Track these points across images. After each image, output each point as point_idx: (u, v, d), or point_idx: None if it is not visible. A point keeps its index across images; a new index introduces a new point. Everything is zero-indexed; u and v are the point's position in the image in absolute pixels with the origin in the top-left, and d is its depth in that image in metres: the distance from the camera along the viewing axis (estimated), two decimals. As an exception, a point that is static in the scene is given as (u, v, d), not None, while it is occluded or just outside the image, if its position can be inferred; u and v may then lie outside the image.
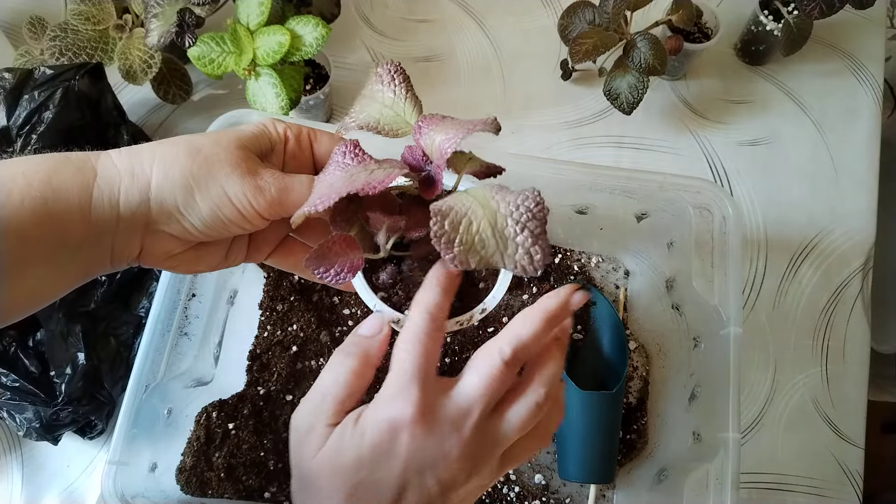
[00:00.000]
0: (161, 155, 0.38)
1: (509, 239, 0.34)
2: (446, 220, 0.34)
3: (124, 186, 0.37)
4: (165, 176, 0.37)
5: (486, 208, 0.35)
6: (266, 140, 0.41)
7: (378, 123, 0.41)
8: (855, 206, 0.82)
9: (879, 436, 1.25)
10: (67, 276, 0.37)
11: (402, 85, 0.42)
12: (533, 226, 0.34)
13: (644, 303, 0.75)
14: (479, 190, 0.36)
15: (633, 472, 0.69)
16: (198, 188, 0.37)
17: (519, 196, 0.35)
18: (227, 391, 0.71)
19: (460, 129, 0.37)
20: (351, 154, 0.40)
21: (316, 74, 0.82)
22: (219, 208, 0.38)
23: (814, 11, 0.76)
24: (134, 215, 0.37)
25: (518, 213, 0.34)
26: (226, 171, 0.38)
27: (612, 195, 0.65)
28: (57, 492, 0.70)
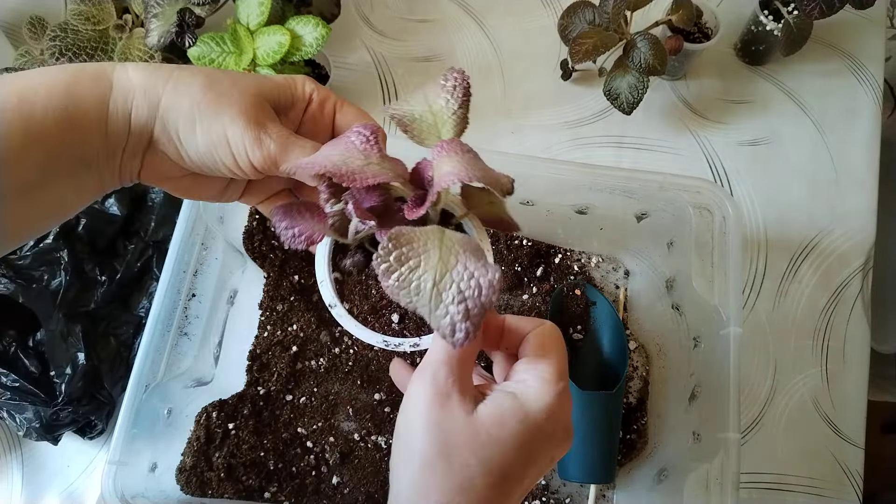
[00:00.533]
0: (177, 78, 0.38)
1: (444, 301, 0.32)
2: (396, 251, 0.33)
3: (137, 101, 0.37)
4: (175, 98, 0.37)
5: (443, 261, 0.33)
6: (288, 94, 0.41)
7: (411, 123, 0.39)
8: (855, 206, 0.82)
9: (879, 436, 1.25)
10: (85, 192, 0.38)
11: (458, 98, 0.39)
12: (472, 304, 0.32)
13: (644, 303, 0.75)
14: (453, 238, 0.35)
15: (633, 472, 0.69)
16: (200, 121, 0.37)
17: (479, 268, 0.33)
18: (227, 391, 0.71)
19: (471, 170, 0.35)
20: (364, 137, 0.38)
21: (316, 74, 0.82)
22: (215, 147, 0.38)
23: (814, 11, 0.76)
24: (142, 131, 0.37)
25: (467, 283, 0.33)
26: (232, 114, 0.37)
27: (612, 195, 0.65)
28: (57, 492, 0.70)
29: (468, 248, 0.34)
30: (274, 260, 0.75)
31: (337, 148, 0.38)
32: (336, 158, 0.37)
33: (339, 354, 0.73)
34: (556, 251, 0.78)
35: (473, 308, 0.32)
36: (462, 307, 0.32)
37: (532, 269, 0.76)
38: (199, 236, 0.67)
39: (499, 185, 0.35)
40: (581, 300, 0.74)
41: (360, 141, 0.38)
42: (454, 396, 0.35)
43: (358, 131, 0.39)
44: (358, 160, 0.37)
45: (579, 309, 0.74)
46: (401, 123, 0.39)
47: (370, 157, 0.37)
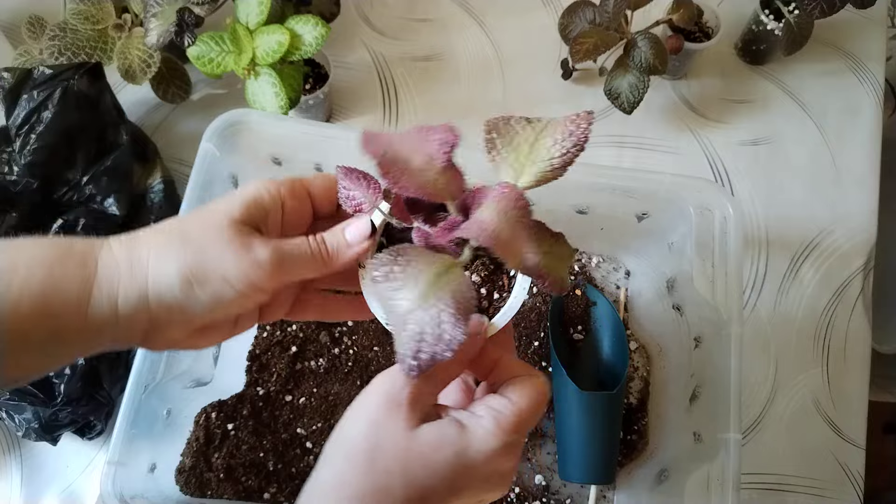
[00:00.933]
0: (155, 249, 0.37)
1: (406, 332, 0.33)
2: (389, 266, 0.33)
3: (123, 286, 0.36)
4: (161, 273, 0.36)
5: (424, 297, 0.33)
6: (260, 207, 0.40)
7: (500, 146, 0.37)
8: (856, 206, 0.81)
9: (880, 436, 1.25)
10: (61, 361, 0.37)
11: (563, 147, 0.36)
12: (426, 348, 0.32)
13: (645, 303, 0.75)
14: (452, 279, 0.34)
15: (634, 472, 0.69)
16: (196, 280, 0.36)
17: (451, 322, 0.33)
18: (226, 391, 0.71)
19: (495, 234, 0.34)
20: (442, 139, 0.36)
21: (315, 74, 0.82)
22: (220, 295, 0.37)
23: (815, 11, 0.76)
24: (134, 313, 0.36)
25: (432, 330, 0.33)
26: (219, 256, 0.37)
27: (613, 195, 0.65)
28: (56, 492, 0.70)
29: (458, 297, 0.33)
30: (273, 260, 0.75)
31: (417, 136, 0.37)
32: (405, 148, 0.36)
33: (338, 355, 0.73)
34: (556, 251, 0.77)
35: (425, 353, 0.32)
36: (416, 346, 0.32)
37: (532, 269, 0.76)
38: (199, 236, 0.67)
39: (517, 260, 0.34)
40: (581, 300, 0.74)
41: (437, 141, 0.36)
42: (403, 406, 0.35)
43: (444, 128, 0.37)
44: (420, 160, 0.35)
45: (579, 309, 0.73)
46: (490, 143, 0.37)
47: (432, 164, 0.36)
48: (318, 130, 0.65)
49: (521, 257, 0.34)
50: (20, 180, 0.68)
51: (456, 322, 0.33)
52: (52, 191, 0.70)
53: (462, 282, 0.34)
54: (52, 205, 0.70)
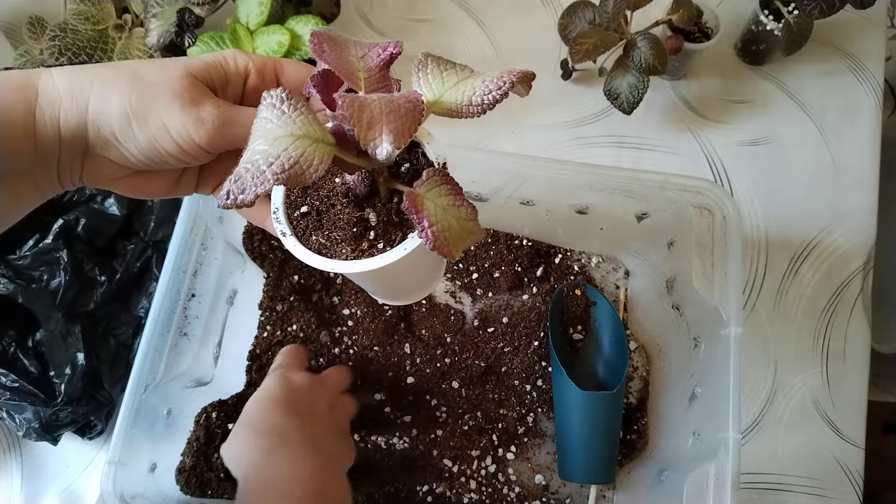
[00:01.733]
0: (101, 78, 0.36)
1: (254, 156, 0.31)
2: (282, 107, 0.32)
3: (64, 108, 0.35)
4: (103, 101, 0.35)
5: (277, 143, 0.31)
6: (220, 71, 0.39)
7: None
8: (855, 206, 0.82)
9: (880, 436, 1.25)
10: (21, 199, 0.36)
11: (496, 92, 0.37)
12: (231, 194, 0.31)
13: (644, 303, 0.75)
14: (325, 147, 0.32)
15: (634, 472, 0.69)
16: (135, 118, 0.35)
17: (285, 160, 0.31)
18: (226, 391, 0.71)
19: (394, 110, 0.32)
20: (384, 48, 0.36)
21: (316, 74, 0.82)
22: (157, 140, 0.36)
23: (814, 11, 0.76)
24: (73, 138, 0.36)
25: (271, 160, 0.31)
26: (166, 102, 0.35)
27: (612, 195, 0.65)
28: (56, 492, 0.70)
29: (298, 159, 0.31)
30: (274, 260, 0.75)
31: (367, 44, 0.37)
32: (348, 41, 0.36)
33: (338, 354, 0.73)
34: (556, 251, 0.78)
35: (238, 185, 0.31)
36: (237, 176, 0.31)
37: (532, 269, 0.76)
38: (199, 236, 0.67)
39: (367, 138, 0.32)
40: (581, 300, 0.74)
41: (379, 48, 0.37)
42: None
43: (389, 44, 0.38)
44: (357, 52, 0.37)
45: (579, 309, 0.73)
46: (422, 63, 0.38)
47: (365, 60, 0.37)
48: (318, 130, 0.65)
49: (371, 133, 0.32)
50: (21, 180, 0.68)
51: (278, 170, 0.30)
52: (53, 191, 0.70)
53: (317, 155, 0.32)
54: (52, 205, 0.70)
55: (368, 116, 0.31)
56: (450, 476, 0.69)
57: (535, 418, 0.71)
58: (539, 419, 0.71)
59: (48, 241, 0.69)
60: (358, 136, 0.31)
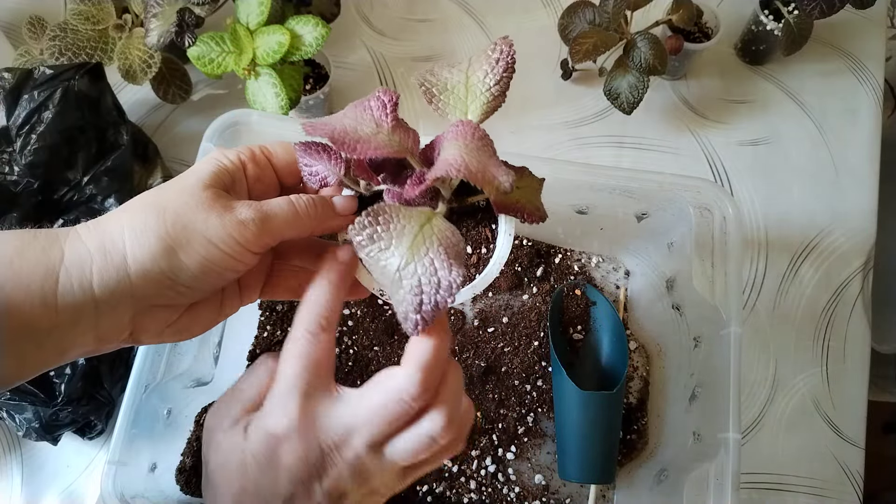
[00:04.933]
0: (129, 223, 0.35)
1: (403, 288, 0.32)
2: (370, 228, 0.33)
3: (97, 267, 0.34)
4: (140, 246, 0.34)
5: (413, 249, 0.33)
6: (225, 173, 0.39)
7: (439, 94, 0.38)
8: (855, 206, 0.82)
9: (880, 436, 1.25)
10: (34, 363, 0.34)
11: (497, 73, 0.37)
12: (426, 299, 0.32)
13: (644, 303, 0.75)
14: (436, 227, 0.34)
15: (634, 472, 0.69)
16: (179, 247, 0.35)
17: (445, 266, 0.32)
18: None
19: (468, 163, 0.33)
20: (381, 103, 0.36)
21: (316, 74, 0.82)
22: (207, 259, 0.35)
23: (814, 11, 0.76)
24: (114, 295, 0.34)
25: (428, 278, 0.32)
26: (202, 218, 0.35)
27: (612, 195, 0.65)
28: (56, 492, 0.70)
29: (445, 243, 0.33)
30: (274, 260, 0.75)
31: (354, 112, 0.37)
32: (347, 123, 0.36)
33: (338, 354, 0.73)
34: (556, 251, 0.78)
35: (428, 305, 0.32)
36: (417, 299, 0.32)
37: (532, 269, 0.76)
38: (199, 236, 0.67)
39: (492, 185, 0.34)
40: (581, 300, 0.74)
41: (377, 106, 0.37)
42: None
43: (377, 96, 0.37)
44: (368, 127, 0.36)
45: (579, 309, 0.73)
46: (427, 93, 0.37)
47: (381, 126, 0.36)
48: (319, 130, 0.65)
49: (494, 182, 0.34)
50: (21, 180, 0.68)
51: (451, 266, 0.32)
52: (53, 191, 0.70)
53: (446, 227, 0.34)
54: (52, 205, 0.70)
55: (477, 170, 0.33)
56: (450, 476, 0.69)
57: (535, 418, 0.71)
58: (539, 419, 0.71)
59: (48, 241, 0.69)
60: (484, 188, 0.34)
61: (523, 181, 0.39)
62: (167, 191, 0.37)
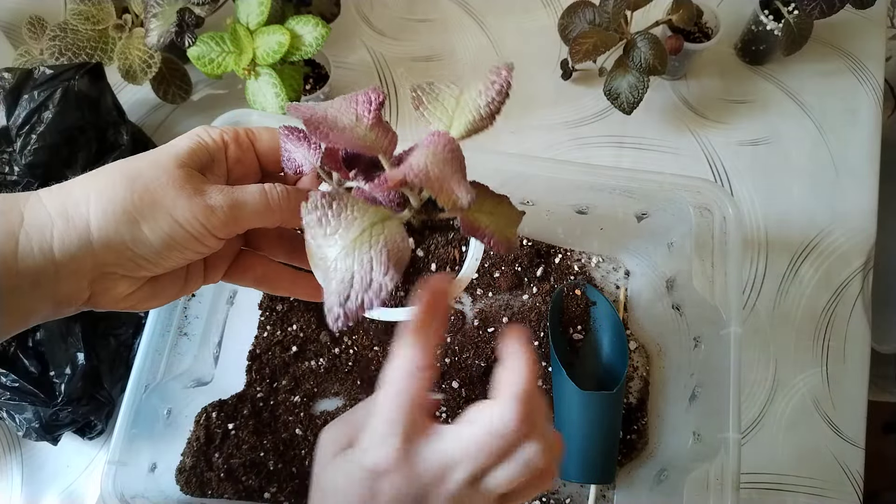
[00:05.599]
0: (96, 190, 0.34)
1: (334, 279, 0.31)
2: (320, 211, 0.32)
3: (57, 231, 0.33)
4: (105, 213, 0.34)
5: (355, 243, 0.32)
6: (204, 151, 0.38)
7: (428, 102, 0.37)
8: (855, 206, 0.82)
9: (880, 436, 1.25)
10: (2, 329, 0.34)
11: (489, 97, 0.37)
12: (353, 296, 0.31)
13: (644, 303, 0.75)
14: (386, 230, 0.33)
15: (634, 472, 0.69)
16: (143, 219, 0.34)
17: (380, 270, 0.31)
18: (226, 391, 0.71)
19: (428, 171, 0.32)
20: (368, 99, 0.36)
21: (316, 74, 0.82)
22: (170, 237, 0.35)
23: (814, 11, 0.76)
24: (74, 259, 0.34)
25: (361, 274, 0.31)
26: (171, 196, 0.35)
27: (612, 195, 0.65)
28: (57, 492, 0.70)
29: (390, 246, 0.32)
30: (274, 260, 0.75)
31: (340, 103, 0.37)
32: (330, 111, 0.36)
33: (339, 354, 0.73)
34: (556, 251, 0.78)
35: (353, 300, 0.31)
36: (345, 293, 0.31)
37: (532, 269, 0.76)
38: (199, 236, 0.67)
39: (449, 198, 0.33)
40: (581, 300, 0.74)
41: (362, 101, 0.36)
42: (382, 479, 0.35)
43: (365, 92, 0.37)
44: (348, 119, 0.35)
45: (579, 309, 0.73)
46: (416, 98, 0.37)
47: (361, 121, 0.36)
48: (319, 130, 0.65)
49: (452, 195, 0.33)
50: (21, 180, 0.68)
51: (388, 268, 0.31)
52: (53, 191, 0.70)
53: (398, 232, 0.33)
54: (52, 205, 0.70)
55: (437, 180, 0.32)
56: (450, 476, 0.69)
57: (535, 418, 0.71)
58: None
59: (48, 241, 0.69)
60: (439, 199, 0.33)
61: (500, 209, 0.38)
62: (141, 161, 0.36)
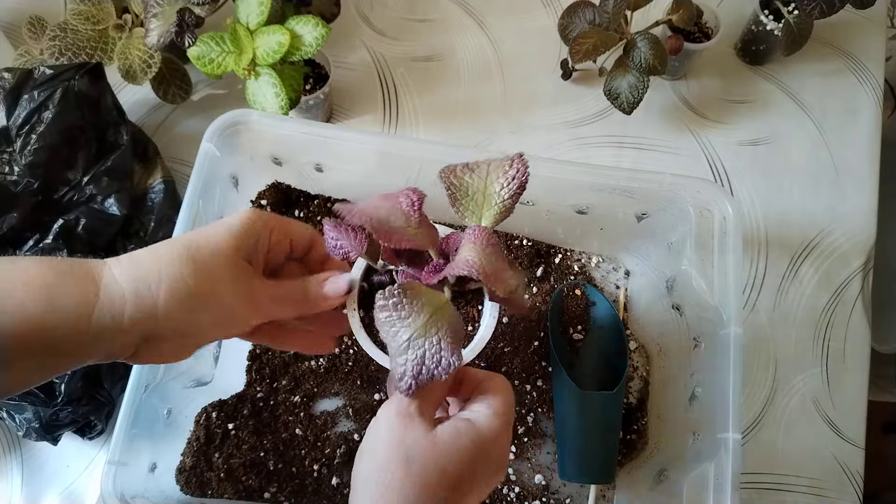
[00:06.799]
0: (168, 274, 0.39)
1: (407, 356, 0.38)
2: (396, 299, 0.39)
3: (129, 306, 0.38)
4: (171, 296, 0.39)
5: (425, 327, 0.39)
6: (254, 234, 0.44)
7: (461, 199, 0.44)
8: (855, 206, 0.82)
9: (880, 436, 1.25)
10: (58, 371, 0.39)
11: (511, 189, 0.43)
12: (425, 371, 0.38)
13: (644, 303, 0.75)
14: (447, 313, 0.40)
15: (633, 472, 0.69)
16: (201, 308, 0.40)
17: (448, 349, 0.38)
18: (226, 391, 0.71)
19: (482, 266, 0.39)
20: (410, 201, 0.43)
21: (316, 74, 0.82)
22: (220, 323, 0.41)
23: (814, 11, 0.76)
24: (135, 327, 0.38)
25: (432, 355, 0.38)
26: (227, 290, 0.41)
27: (612, 195, 0.65)
28: (57, 492, 0.70)
29: (452, 328, 0.40)
30: (274, 260, 0.75)
31: (386, 203, 0.43)
32: (382, 213, 0.42)
33: (338, 354, 0.73)
34: (556, 251, 0.78)
35: (425, 374, 0.38)
36: (417, 368, 0.38)
37: (532, 269, 0.76)
38: (199, 236, 0.67)
39: (503, 286, 0.40)
40: (581, 300, 0.74)
41: (406, 203, 0.43)
42: (416, 417, 0.40)
43: (407, 194, 0.43)
44: (399, 220, 0.42)
45: (579, 309, 0.73)
46: (452, 197, 0.44)
47: (410, 221, 0.43)
48: (319, 131, 0.65)
49: (506, 283, 0.40)
50: (21, 180, 0.68)
51: (453, 349, 0.39)
52: (53, 191, 0.70)
53: (455, 315, 0.41)
54: (52, 205, 0.70)
55: (491, 273, 0.39)
56: (450, 476, 0.69)
57: (535, 418, 0.71)
58: (539, 419, 0.71)
59: (48, 241, 0.69)
60: (497, 289, 0.40)
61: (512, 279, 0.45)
62: (203, 246, 0.41)
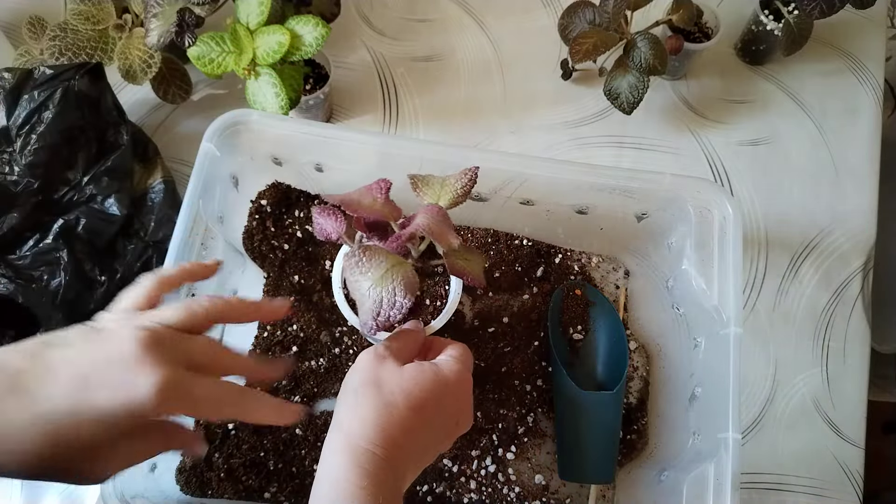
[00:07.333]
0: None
1: (368, 303, 0.48)
2: (358, 256, 0.49)
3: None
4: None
5: (383, 279, 0.48)
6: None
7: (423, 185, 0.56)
8: (855, 206, 0.82)
9: (880, 436, 1.25)
10: None
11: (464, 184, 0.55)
12: (383, 314, 0.48)
13: (644, 303, 0.75)
14: (402, 269, 0.49)
15: (634, 472, 0.69)
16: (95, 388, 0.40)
17: (401, 295, 0.48)
18: (226, 391, 0.71)
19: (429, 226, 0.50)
20: (379, 187, 0.54)
21: (316, 74, 0.82)
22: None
23: (814, 11, 0.76)
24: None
25: (388, 300, 0.48)
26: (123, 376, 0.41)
27: (612, 195, 0.65)
28: (57, 492, 0.70)
29: (406, 279, 0.49)
30: (274, 260, 0.75)
31: (362, 191, 0.54)
32: (355, 196, 0.53)
33: (339, 354, 0.73)
34: (556, 251, 0.78)
35: (383, 315, 0.48)
36: (376, 309, 0.48)
37: (532, 269, 0.76)
38: (199, 236, 0.67)
39: (446, 242, 0.50)
40: (581, 300, 0.74)
41: (376, 189, 0.54)
42: (388, 358, 0.49)
43: (378, 182, 0.54)
44: (368, 200, 0.53)
45: (579, 309, 0.73)
46: (414, 181, 0.55)
47: (377, 201, 0.53)
48: (319, 131, 0.65)
49: (447, 240, 0.50)
50: (21, 180, 0.68)
51: (405, 294, 0.48)
52: (53, 191, 0.70)
53: (409, 270, 0.50)
54: (52, 205, 0.70)
55: (436, 232, 0.50)
56: (450, 476, 0.69)
57: (535, 418, 0.71)
58: (539, 419, 0.71)
59: (48, 241, 0.69)
60: (439, 243, 0.50)
61: (471, 256, 0.55)
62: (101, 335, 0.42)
